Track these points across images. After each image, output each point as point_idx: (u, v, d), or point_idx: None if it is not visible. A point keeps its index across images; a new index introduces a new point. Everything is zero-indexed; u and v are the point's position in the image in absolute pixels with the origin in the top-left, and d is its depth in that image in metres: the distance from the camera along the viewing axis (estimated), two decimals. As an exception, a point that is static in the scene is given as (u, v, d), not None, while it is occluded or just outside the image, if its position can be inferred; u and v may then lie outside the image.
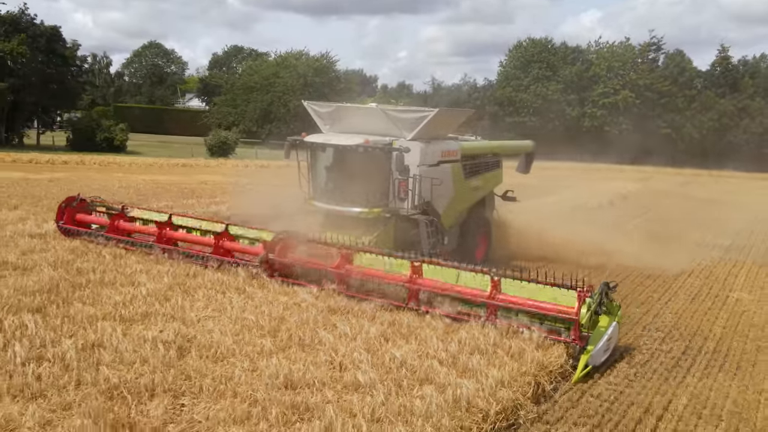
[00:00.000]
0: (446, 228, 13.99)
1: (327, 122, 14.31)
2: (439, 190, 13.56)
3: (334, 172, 13.44)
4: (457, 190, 14.51)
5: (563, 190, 32.96)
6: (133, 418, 6.12)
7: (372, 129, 13.30)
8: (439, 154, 13.79)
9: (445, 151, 14.06)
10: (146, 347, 7.80)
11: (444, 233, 13.82)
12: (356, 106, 14.57)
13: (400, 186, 12.89)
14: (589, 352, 9.07)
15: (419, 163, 13.05)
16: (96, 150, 47.46)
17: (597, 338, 9.28)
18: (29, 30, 48.80)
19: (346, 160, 13.16)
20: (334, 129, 14.11)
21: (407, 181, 12.88)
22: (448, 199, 14.12)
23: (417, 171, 12.98)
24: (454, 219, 14.44)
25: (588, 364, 8.99)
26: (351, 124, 13.80)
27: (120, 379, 6.91)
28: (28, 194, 21.85)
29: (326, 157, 13.51)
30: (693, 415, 8.09)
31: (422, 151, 13.17)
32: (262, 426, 6.11)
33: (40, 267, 11.21)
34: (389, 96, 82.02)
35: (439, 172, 13.65)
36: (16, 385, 6.65)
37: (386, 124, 13.39)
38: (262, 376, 7.24)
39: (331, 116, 14.25)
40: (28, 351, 7.42)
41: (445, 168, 13.97)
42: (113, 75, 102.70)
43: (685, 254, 18.01)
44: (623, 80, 68.92)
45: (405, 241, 12.16)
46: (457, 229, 14.66)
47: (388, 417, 6.41)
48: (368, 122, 13.57)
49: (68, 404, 6.37)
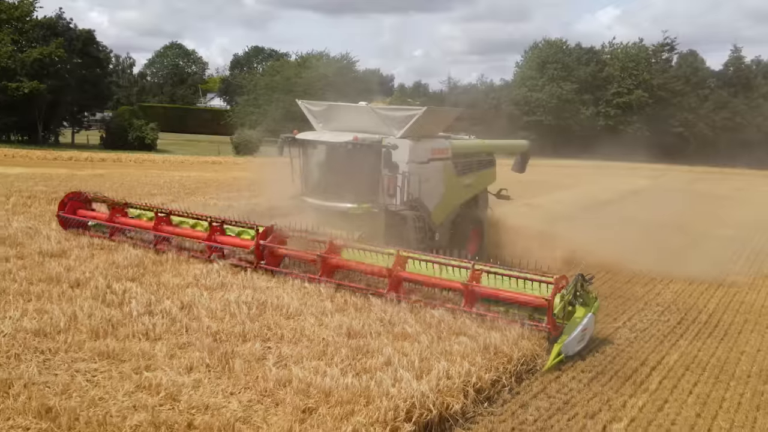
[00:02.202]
0: (437, 224, 14.22)
1: (320, 120, 14.52)
2: (430, 187, 13.81)
3: (325, 169, 13.71)
4: (448, 187, 14.69)
5: (576, 186, 34.49)
6: (237, 352, 7.91)
7: (363, 127, 13.43)
8: (429, 152, 13.97)
9: (435, 149, 14.23)
10: (231, 306, 9.57)
11: (434, 229, 14.06)
12: (348, 105, 14.80)
13: (389, 182, 13.07)
14: (563, 341, 9.34)
15: (408, 161, 13.20)
16: (128, 148, 49.65)
17: (571, 328, 9.56)
18: (65, 34, 51.14)
19: (336, 157, 13.38)
20: (327, 127, 14.31)
21: (396, 178, 13.06)
22: (439, 196, 14.33)
23: (406, 168, 13.15)
24: (444, 216, 14.63)
25: (561, 352, 9.26)
26: (343, 123, 13.96)
27: (218, 327, 8.71)
28: (83, 187, 23.73)
29: (317, 154, 13.73)
30: (681, 367, 9.74)
31: (411, 148, 13.33)
32: (336, 359, 7.86)
33: (123, 246, 13.03)
34: (406, 96, 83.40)
35: (430, 169, 13.88)
36: (140, 330, 8.46)
37: (376, 123, 13.56)
38: (328, 328, 9.01)
39: (323, 114, 14.45)
40: (141, 307, 9.24)
41: (435, 165, 14.16)
42: (136, 75, 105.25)
43: (689, 244, 19.46)
44: (637, 80, 70.16)
45: (393, 237, 12.38)
46: (448, 226, 14.81)
47: (433, 355, 8.15)
48: (359, 120, 13.73)
49: (184, 344, 8.17)
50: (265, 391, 6.98)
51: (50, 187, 23.00)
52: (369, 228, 12.49)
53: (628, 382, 8.96)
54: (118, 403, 6.49)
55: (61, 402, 6.36)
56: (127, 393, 6.76)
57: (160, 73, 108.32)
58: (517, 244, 15.14)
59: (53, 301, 9.36)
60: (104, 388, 6.85)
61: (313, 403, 6.72)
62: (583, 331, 9.66)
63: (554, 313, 9.45)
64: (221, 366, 7.52)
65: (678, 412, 8.08)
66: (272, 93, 68.08)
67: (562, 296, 9.61)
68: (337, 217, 12.75)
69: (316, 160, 13.79)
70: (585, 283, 10.11)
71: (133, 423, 6.06)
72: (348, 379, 7.22)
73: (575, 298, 9.92)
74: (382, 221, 13.00)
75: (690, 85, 70.48)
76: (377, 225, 12.87)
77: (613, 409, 8.01)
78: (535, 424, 7.41)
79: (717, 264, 16.72)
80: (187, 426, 6.13)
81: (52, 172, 30.04)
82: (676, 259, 16.60)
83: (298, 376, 7.21)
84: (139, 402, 6.55)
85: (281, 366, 7.58)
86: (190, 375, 7.26)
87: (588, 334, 9.87)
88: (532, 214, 20.55)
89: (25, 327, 8.23)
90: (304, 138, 13.55)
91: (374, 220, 12.96)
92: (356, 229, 12.16)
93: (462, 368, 7.76)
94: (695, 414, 8.06)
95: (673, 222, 22.46)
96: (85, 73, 52.24)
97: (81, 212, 14.55)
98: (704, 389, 8.91)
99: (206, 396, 6.77)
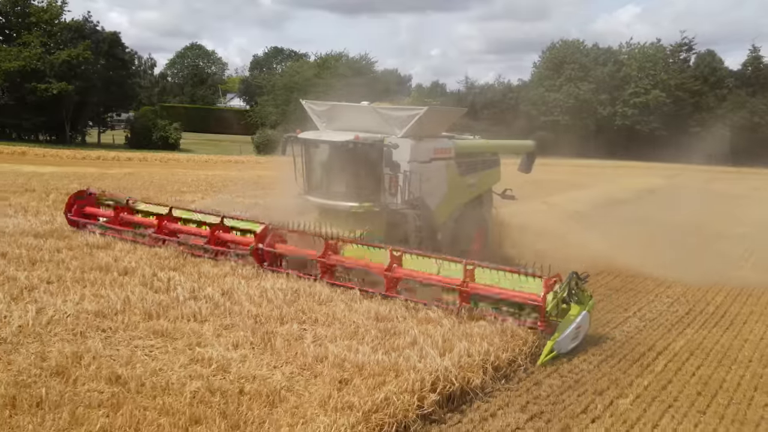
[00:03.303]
0: (439, 223, 14.30)
1: (323, 120, 14.57)
2: (432, 187, 13.86)
3: (327, 168, 13.74)
4: (451, 187, 14.72)
5: (593, 186, 35.02)
6: (277, 332, 8.73)
7: (365, 127, 13.47)
8: (431, 152, 14.03)
9: (438, 149, 14.27)
10: (268, 293, 10.41)
11: (437, 228, 14.14)
12: (350, 105, 14.80)
13: (390, 181, 13.17)
14: (556, 338, 9.47)
15: (410, 160, 13.29)
16: (152, 147, 50.95)
17: (565, 326, 9.65)
18: (92, 36, 52.54)
19: (338, 156, 13.42)
20: (330, 126, 14.35)
21: (397, 177, 13.15)
22: (441, 195, 14.40)
23: (407, 167, 13.21)
24: (447, 215, 14.69)
25: (554, 349, 9.39)
26: (346, 122, 14.00)
27: (257, 311, 9.55)
28: (117, 186, 24.80)
29: (319, 153, 13.78)
30: (686, 352, 10.42)
31: (413, 148, 13.39)
32: (367, 339, 8.66)
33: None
34: (424, 95, 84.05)
35: (432, 169, 13.94)
36: (188, 313, 9.32)
37: (378, 122, 13.63)
38: (357, 312, 9.80)
39: (327, 114, 14.49)
40: (186, 293, 10.11)
41: (438, 165, 14.24)
42: (157, 76, 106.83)
43: (702, 243, 20.00)
44: (654, 80, 70.31)
45: (395, 235, 12.61)
46: (452, 225, 14.84)
47: (455, 336, 8.93)
48: (362, 120, 13.76)
49: (228, 325, 9.01)
50: (305, 365, 7.81)
51: (85, 184, 23.92)
52: (371, 226, 12.65)
53: (636, 364, 9.67)
54: (176, 373, 7.33)
55: (127, 371, 7.24)
56: (183, 365, 7.60)
57: (180, 73, 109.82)
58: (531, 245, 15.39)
59: (106, 287, 10.26)
60: (162, 361, 7.70)
61: (348, 375, 7.52)
62: (577, 329, 9.75)
63: (547, 310, 9.51)
64: (264, 343, 8.36)
65: (681, 391, 8.78)
66: (291, 93, 69.05)
67: (555, 294, 9.66)
68: (339, 215, 12.92)
69: (318, 159, 13.83)
70: (580, 281, 10.15)
71: (192, 389, 6.88)
72: (378, 355, 8.03)
73: (570, 296, 9.94)
74: (384, 220, 13.14)
75: (708, 85, 70.55)
76: (379, 223, 13.01)
77: (620, 387, 8.73)
78: (548, 399, 8.15)
79: (728, 260, 17.29)
80: (239, 392, 6.96)
81: (83, 171, 31.21)
82: (688, 259, 17.02)
83: (334, 353, 8.03)
84: (194, 372, 7.40)
85: (318, 344, 8.40)
86: (236, 351, 8.10)
87: (582, 332, 9.97)
88: (550, 211, 21.26)
89: (86, 309, 9.12)
90: (305, 137, 13.61)
91: (376, 218, 13.08)
92: (358, 228, 12.36)
93: (481, 348, 8.54)
94: (696, 392, 8.77)
95: (688, 221, 23.01)
96: (110, 74, 53.65)
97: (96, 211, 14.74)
98: (706, 372, 9.59)
99: (252, 368, 7.60)
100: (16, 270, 10.83)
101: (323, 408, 6.63)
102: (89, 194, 15.10)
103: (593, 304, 10.49)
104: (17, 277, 10.36)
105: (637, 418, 7.82)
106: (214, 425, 6.17)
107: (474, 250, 14.86)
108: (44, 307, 9.07)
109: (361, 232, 12.19)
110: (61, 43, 50.85)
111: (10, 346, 7.78)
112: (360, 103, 14.65)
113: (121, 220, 14.32)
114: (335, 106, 14.61)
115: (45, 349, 7.73)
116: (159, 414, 6.32)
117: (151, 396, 6.73)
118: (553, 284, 9.74)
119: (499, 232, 16.91)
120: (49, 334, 8.26)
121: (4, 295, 9.44)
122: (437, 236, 14.00)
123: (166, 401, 6.59)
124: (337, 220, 12.54)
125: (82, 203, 14.89)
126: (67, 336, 8.24)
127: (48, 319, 8.66)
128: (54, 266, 11.34)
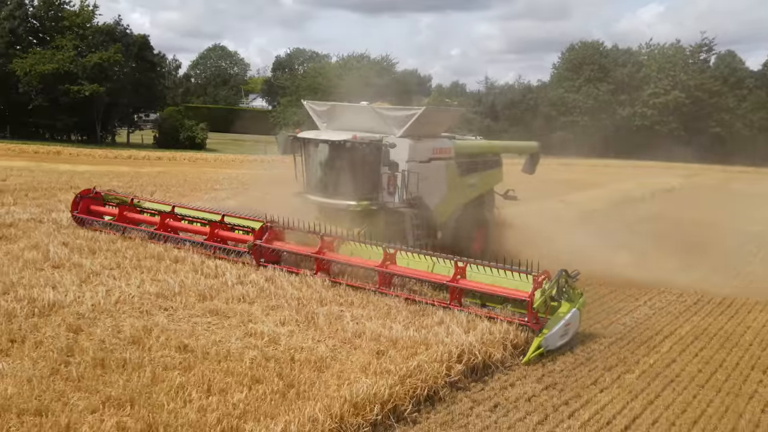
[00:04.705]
0: (439, 223, 14.45)
1: (324, 120, 14.73)
2: (431, 186, 13.98)
3: (325, 167, 13.87)
4: (451, 186, 14.88)
5: (611, 184, 35.73)
6: (318, 312, 9.78)
7: (365, 126, 13.61)
8: (430, 152, 14.16)
9: (437, 149, 14.41)
10: (307, 279, 11.45)
11: (437, 227, 14.31)
12: (350, 105, 14.93)
13: (388, 180, 13.36)
14: (544, 335, 9.57)
15: (408, 159, 13.44)
16: (179, 147, 52.45)
17: (554, 323, 9.77)
18: (123, 39, 54.22)
19: (336, 155, 13.56)
20: (330, 126, 14.52)
21: (395, 176, 13.32)
22: (441, 195, 14.53)
23: (405, 167, 13.35)
24: (447, 215, 14.84)
25: (541, 346, 9.50)
26: (346, 122, 14.16)
27: (299, 294, 10.61)
28: (154, 184, 26.14)
29: (318, 153, 13.89)
30: (691, 336, 11.31)
31: (411, 147, 13.55)
32: (399, 318, 9.70)
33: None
34: (444, 96, 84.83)
35: (431, 168, 14.06)
36: (237, 295, 10.41)
37: (378, 122, 13.77)
38: (389, 296, 10.82)
39: (327, 114, 14.67)
40: (233, 278, 11.20)
41: (437, 165, 14.37)
42: (181, 77, 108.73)
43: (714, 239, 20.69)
44: (674, 81, 70.57)
45: (393, 233, 12.69)
46: (452, 225, 14.98)
47: (478, 317, 9.91)
48: (361, 120, 13.90)
49: (274, 306, 10.08)
50: (345, 339, 8.85)
51: (124, 182, 25.35)
52: (369, 225, 12.83)
53: (643, 345, 10.60)
54: (234, 344, 8.40)
55: (192, 341, 8.33)
56: (239, 338, 8.67)
57: (203, 74, 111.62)
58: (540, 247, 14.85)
59: (162, 273, 11.39)
60: (220, 335, 8.77)
61: (384, 347, 8.55)
62: (566, 326, 9.87)
63: (534, 307, 9.60)
64: (307, 321, 9.42)
65: (683, 368, 9.69)
66: (314, 94, 70.19)
67: (543, 291, 9.75)
68: (338, 213, 13.12)
69: (318, 158, 13.96)
70: (570, 279, 10.29)
71: (250, 356, 7.94)
72: (410, 332, 9.06)
73: (560, 294, 10.10)
74: (382, 218, 13.34)
75: (728, 86, 70.70)
76: (377, 222, 13.19)
77: (627, 364, 9.67)
78: (561, 373, 9.12)
79: (738, 255, 18.05)
80: (290, 360, 8.01)
81: (117, 170, 32.55)
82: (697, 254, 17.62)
83: (370, 329, 9.07)
84: (249, 344, 8.46)
85: (355, 322, 9.43)
86: (284, 327, 9.16)
87: (572, 329, 10.08)
88: (567, 209, 22.11)
89: (148, 291, 10.26)
90: (305, 137, 13.84)
91: (374, 217, 13.30)
92: (356, 226, 12.58)
93: (502, 327, 9.55)
94: (697, 370, 9.67)
95: (703, 219, 23.65)
96: (140, 76, 55.26)
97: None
98: (708, 353, 10.49)
99: (299, 341, 8.65)
100: (80, 257, 12.01)
101: (364, 372, 7.66)
102: (95, 193, 15.59)
103: (584, 301, 10.62)
104: (83, 264, 11.55)
105: (641, 389, 8.75)
106: (273, 384, 7.21)
107: (475, 249, 14.97)
108: (111, 289, 10.23)
109: (358, 231, 12.36)
110: (93, 46, 52.55)
111: (89, 320, 8.90)
112: (359, 103, 14.78)
113: (126, 218, 14.62)
114: (335, 106, 14.85)
115: (118, 324, 8.86)
116: (225, 375, 7.39)
117: (215, 361, 7.80)
118: (541, 281, 9.83)
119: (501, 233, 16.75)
120: (119, 311, 9.38)
121: (74, 279, 10.61)
122: (437, 235, 14.19)
123: (230, 365, 7.66)
124: (336, 219, 12.74)
125: (87, 202, 15.31)
126: (134, 313, 9.36)
127: (116, 299, 9.80)
128: (112, 255, 12.51)
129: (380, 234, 12.33)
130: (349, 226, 12.41)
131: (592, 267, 13.31)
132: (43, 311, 9.03)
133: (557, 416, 7.72)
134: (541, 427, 7.44)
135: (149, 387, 6.95)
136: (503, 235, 16.43)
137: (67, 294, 9.77)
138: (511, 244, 15.36)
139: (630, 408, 8.10)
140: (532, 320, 9.65)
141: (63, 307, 9.27)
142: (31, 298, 9.39)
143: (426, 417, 7.37)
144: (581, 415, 7.79)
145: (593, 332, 10.98)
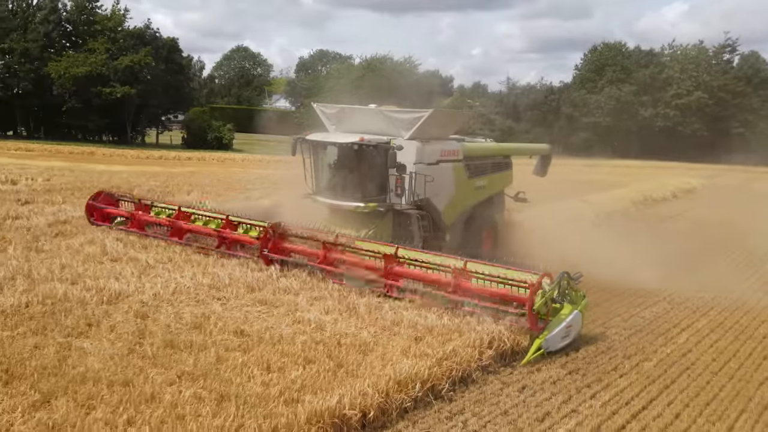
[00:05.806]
0: (448, 224, 14.54)
1: (333, 122, 14.88)
2: (439, 188, 14.05)
3: (334, 169, 14.09)
4: (459, 188, 14.96)
5: (632, 185, 36.10)
6: (359, 302, 10.62)
7: (373, 129, 13.77)
8: (438, 154, 14.27)
9: (445, 151, 14.51)
10: (345, 274, 12.30)
11: (445, 229, 14.43)
12: (358, 108, 15.02)
13: (396, 182, 13.45)
14: (544, 336, 9.66)
15: (415, 161, 13.54)
16: (207, 147, 53.77)
17: (555, 325, 9.82)
18: (152, 42, 55.72)
19: (344, 157, 13.78)
20: (339, 129, 14.64)
21: (403, 178, 13.40)
22: (449, 197, 14.60)
23: (413, 168, 13.43)
24: (456, 216, 14.91)
25: (542, 347, 9.59)
26: (354, 125, 14.27)
27: (341, 287, 11.43)
28: (188, 183, 27.19)
29: (326, 155, 14.14)
30: (707, 329, 11.96)
31: (419, 149, 13.66)
32: (433, 308, 10.48)
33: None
34: (465, 96, 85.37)
35: (439, 170, 14.12)
36: (282, 287, 11.28)
37: (386, 124, 13.90)
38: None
39: (336, 117, 14.84)
40: (277, 272, 12.08)
41: (445, 167, 14.46)
42: (206, 78, 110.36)
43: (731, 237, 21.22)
44: (696, 81, 70.51)
45: (400, 235, 13.00)
46: (461, 226, 15.08)
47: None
48: (370, 122, 14.05)
49: (317, 297, 10.90)
50: (385, 326, 9.67)
51: (160, 182, 26.48)
52: (377, 226, 13.06)
53: (661, 337, 11.29)
54: (285, 330, 9.26)
55: (247, 327, 9.21)
56: (288, 324, 9.54)
57: (227, 75, 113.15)
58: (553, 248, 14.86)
59: (211, 266, 12.31)
60: (271, 322, 9.64)
61: (421, 334, 9.37)
62: (568, 328, 9.91)
63: (534, 308, 9.68)
64: (349, 311, 10.26)
65: (698, 358, 10.37)
66: (338, 95, 71.10)
67: (543, 293, 9.81)
68: (346, 215, 13.37)
69: (326, 160, 14.20)
70: (572, 281, 10.29)
71: (301, 341, 8.80)
72: (444, 320, 9.88)
73: (563, 296, 10.11)
74: (390, 220, 13.54)
75: (751, 86, 70.48)
76: (384, 223, 13.42)
77: (645, 353, 10.38)
78: (584, 360, 9.86)
79: (755, 256, 18.58)
80: (337, 343, 8.85)
81: (150, 170, 33.70)
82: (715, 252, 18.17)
83: (408, 318, 9.90)
84: (298, 329, 9.32)
85: (393, 312, 10.26)
86: (328, 315, 10.01)
87: (573, 331, 10.10)
88: (588, 208, 22.76)
89: (202, 282, 11.19)
90: (313, 139, 13.97)
91: (382, 218, 13.50)
92: (364, 227, 12.84)
93: (528, 317, 10.29)
94: (712, 359, 10.35)
95: (722, 219, 24.14)
96: (169, 78, 56.72)
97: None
98: (723, 344, 11.14)
99: (343, 328, 9.49)
100: (135, 252, 12.99)
101: (405, 355, 8.48)
102: (108, 194, 16.16)
103: (586, 303, 10.65)
104: (138, 258, 12.52)
105: (658, 375, 9.46)
106: (324, 363, 8.06)
107: (484, 251, 15.05)
108: (167, 280, 11.17)
109: (365, 232, 12.60)
110: (124, 49, 54.11)
111: (152, 308, 9.83)
112: (368, 106, 14.83)
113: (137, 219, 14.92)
114: (344, 109, 14.96)
115: (179, 311, 9.78)
116: (281, 356, 8.25)
117: (270, 344, 8.67)
118: (539, 283, 9.94)
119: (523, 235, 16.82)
120: (177, 300, 10.30)
121: (134, 271, 11.58)
122: (446, 237, 14.34)
123: (283, 347, 8.52)
124: (344, 220, 13.07)
125: (100, 203, 15.81)
126: (191, 302, 10.27)
127: (173, 289, 10.73)
128: (162, 250, 13.46)
129: (388, 235, 12.82)
130: (357, 227, 12.81)
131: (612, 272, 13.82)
132: (111, 299, 9.99)
133: (580, 397, 8.48)
134: (565, 406, 8.20)
135: (215, 365, 7.84)
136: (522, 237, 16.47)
137: (129, 284, 10.74)
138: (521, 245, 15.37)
139: (647, 391, 8.83)
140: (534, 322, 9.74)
141: (128, 296, 10.23)
142: (98, 287, 10.36)
143: (461, 396, 8.18)
144: (602, 396, 8.54)
145: (613, 324, 11.69)
